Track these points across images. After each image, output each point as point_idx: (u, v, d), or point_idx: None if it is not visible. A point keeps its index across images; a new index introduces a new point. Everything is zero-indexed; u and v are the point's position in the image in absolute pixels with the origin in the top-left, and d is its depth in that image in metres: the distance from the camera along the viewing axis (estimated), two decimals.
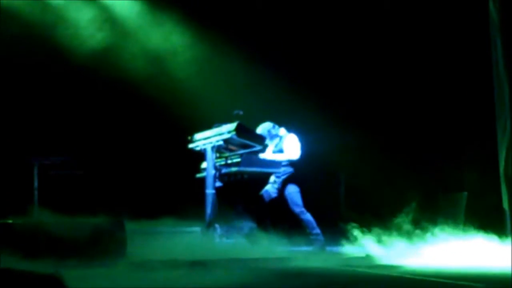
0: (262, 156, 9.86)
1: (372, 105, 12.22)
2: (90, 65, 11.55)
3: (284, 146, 10.04)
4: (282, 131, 10.14)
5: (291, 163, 9.95)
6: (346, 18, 12.14)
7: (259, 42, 12.07)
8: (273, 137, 10.08)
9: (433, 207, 11.04)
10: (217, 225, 9.47)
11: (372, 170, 11.86)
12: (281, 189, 10.01)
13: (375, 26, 12.02)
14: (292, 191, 9.90)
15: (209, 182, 9.54)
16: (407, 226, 9.07)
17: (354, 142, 12.11)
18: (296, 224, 9.90)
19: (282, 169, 9.90)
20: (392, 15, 11.84)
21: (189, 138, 10.06)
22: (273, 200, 10.04)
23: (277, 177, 9.99)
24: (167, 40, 11.98)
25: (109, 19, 11.88)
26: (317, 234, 9.77)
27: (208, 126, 9.84)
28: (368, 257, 8.55)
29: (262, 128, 10.08)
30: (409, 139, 11.89)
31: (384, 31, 11.96)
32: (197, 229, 9.82)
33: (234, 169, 9.54)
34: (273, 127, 10.13)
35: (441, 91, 11.66)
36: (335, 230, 9.52)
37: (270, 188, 10.07)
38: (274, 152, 10.08)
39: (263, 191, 10.07)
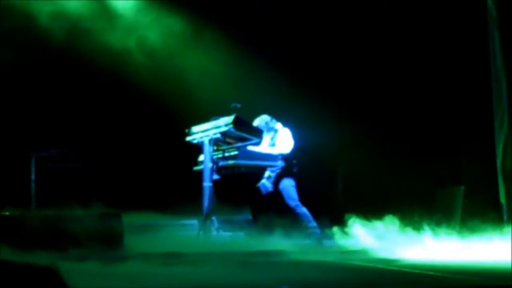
0: (254, 149, 9.84)
1: (370, 99, 12.21)
2: (87, 58, 11.54)
3: (277, 140, 10.04)
4: (278, 125, 10.14)
5: (283, 157, 9.94)
6: (344, 12, 12.12)
7: (257, 35, 12.05)
8: (269, 129, 10.08)
9: (430, 201, 11.06)
10: (214, 218, 9.46)
11: (369, 164, 11.85)
12: (276, 183, 10.00)
13: (373, 20, 11.99)
14: (287, 185, 9.89)
15: (207, 175, 9.53)
16: (404, 220, 9.08)
17: (352, 137, 12.11)
18: (292, 218, 9.90)
19: (279, 163, 9.90)
20: (390, 10, 11.81)
21: (187, 131, 10.05)
22: (269, 194, 10.03)
23: (272, 171, 9.98)
24: (165, 33, 11.95)
25: (107, 12, 11.84)
26: (313, 228, 9.76)
27: (206, 119, 9.83)
28: (365, 250, 8.55)
29: (260, 120, 10.08)
30: (407, 133, 11.88)
31: (383, 25, 11.94)
32: (194, 221, 9.83)
33: (231, 162, 9.54)
34: (271, 120, 10.13)
35: (439, 86, 11.64)
36: (332, 224, 9.51)
37: (266, 182, 10.06)
38: (269, 145, 10.08)
39: (259, 184, 10.06)
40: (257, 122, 10.06)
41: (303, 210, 9.82)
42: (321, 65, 12.28)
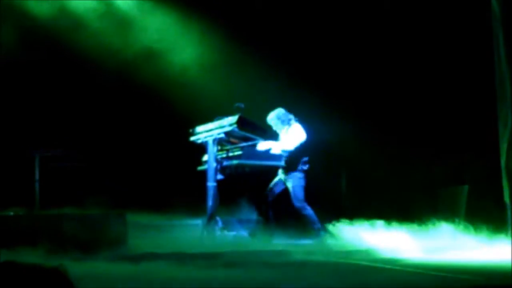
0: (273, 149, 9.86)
1: (374, 99, 12.21)
2: (91, 57, 11.55)
3: (288, 135, 10.05)
4: (292, 120, 10.12)
5: (293, 153, 9.91)
6: (348, 10, 12.12)
7: (261, 34, 12.06)
8: (283, 123, 10.05)
9: (434, 201, 11.06)
10: (218, 218, 9.47)
11: (373, 163, 11.85)
12: (285, 181, 10.01)
13: (377, 18, 11.99)
14: (296, 185, 9.88)
15: (211, 175, 9.54)
16: (408, 220, 9.08)
17: (355, 136, 12.10)
18: (297, 218, 9.90)
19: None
20: (395, 8, 11.81)
21: (191, 130, 10.05)
22: (276, 194, 10.04)
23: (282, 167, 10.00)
24: (169, 33, 11.97)
25: (111, 12, 11.86)
26: (318, 229, 9.76)
27: (210, 119, 9.83)
28: (369, 250, 8.55)
29: (274, 113, 10.07)
30: (411, 133, 11.87)
31: (387, 23, 11.93)
32: (198, 221, 9.83)
33: (235, 162, 9.54)
34: (285, 113, 10.10)
35: (443, 86, 11.64)
36: (336, 224, 9.51)
37: (275, 186, 10.05)
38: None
39: (268, 190, 10.05)
40: (272, 115, 10.05)
41: (309, 211, 9.81)
42: (325, 64, 12.29)
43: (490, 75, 10.22)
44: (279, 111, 10.10)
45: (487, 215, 9.37)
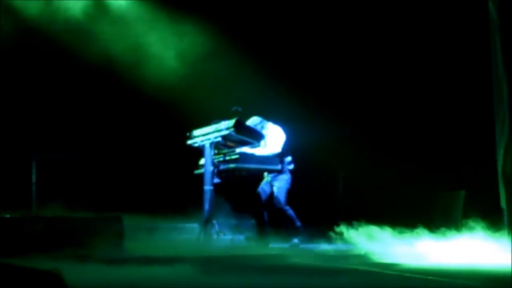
0: (249, 151, 9.84)
1: (371, 103, 12.22)
2: (89, 61, 11.54)
3: (267, 140, 10.04)
4: (270, 125, 10.13)
5: (278, 156, 9.92)
6: (344, 13, 12.14)
7: (258, 38, 12.07)
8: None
9: (431, 205, 11.06)
10: (215, 222, 9.47)
11: (370, 168, 11.86)
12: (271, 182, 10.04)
13: (374, 22, 12.01)
14: (282, 186, 9.92)
15: (207, 178, 9.53)
16: (405, 224, 9.08)
17: (352, 141, 12.11)
18: (284, 220, 9.94)
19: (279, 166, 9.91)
20: (391, 12, 11.83)
21: (188, 134, 10.06)
22: (269, 197, 10.05)
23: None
24: (166, 36, 11.97)
25: (108, 15, 11.86)
26: (298, 227, 9.83)
27: (207, 123, 9.83)
28: (366, 255, 8.55)
29: (250, 122, 10.08)
30: (408, 137, 11.88)
31: (384, 29, 11.96)
32: (195, 225, 9.83)
33: (232, 165, 9.55)
34: (260, 121, 10.12)
35: (439, 89, 11.66)
36: (333, 228, 9.51)
37: (265, 186, 10.06)
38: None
39: (259, 189, 10.06)
40: (248, 123, 10.06)
41: (289, 212, 9.88)
42: (324, 69, 12.31)
43: (487, 79, 10.23)
44: (253, 120, 10.12)
45: (484, 220, 9.36)
